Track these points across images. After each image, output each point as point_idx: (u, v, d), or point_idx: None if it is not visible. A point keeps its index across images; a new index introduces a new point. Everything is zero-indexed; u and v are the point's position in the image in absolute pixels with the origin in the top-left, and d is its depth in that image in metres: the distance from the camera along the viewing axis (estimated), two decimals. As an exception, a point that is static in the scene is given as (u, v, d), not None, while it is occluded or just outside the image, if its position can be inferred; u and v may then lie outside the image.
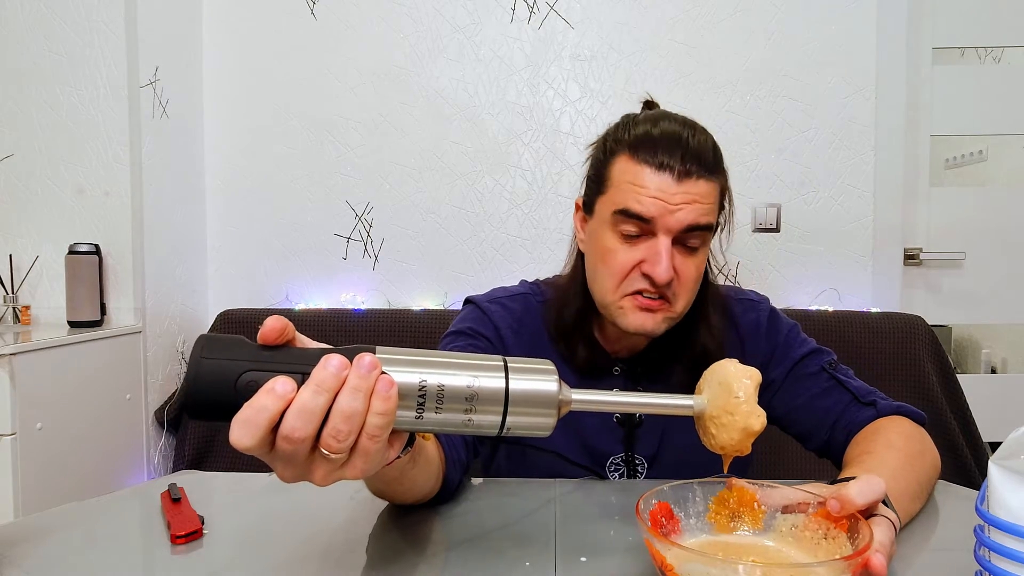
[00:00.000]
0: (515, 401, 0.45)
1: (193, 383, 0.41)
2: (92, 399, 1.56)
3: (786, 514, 0.55)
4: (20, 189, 1.73)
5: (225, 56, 2.00)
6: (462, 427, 0.45)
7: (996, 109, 1.95)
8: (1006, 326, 2.38)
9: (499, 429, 0.46)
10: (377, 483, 0.63)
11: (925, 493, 0.73)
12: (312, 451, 0.42)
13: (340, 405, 0.40)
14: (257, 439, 0.40)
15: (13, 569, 0.58)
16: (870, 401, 0.85)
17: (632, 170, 0.80)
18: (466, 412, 0.44)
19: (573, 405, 0.49)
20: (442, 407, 0.44)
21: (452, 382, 0.44)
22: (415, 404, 0.43)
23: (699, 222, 0.79)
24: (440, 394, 0.43)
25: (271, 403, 0.40)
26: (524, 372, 0.46)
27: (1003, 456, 0.43)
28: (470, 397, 0.44)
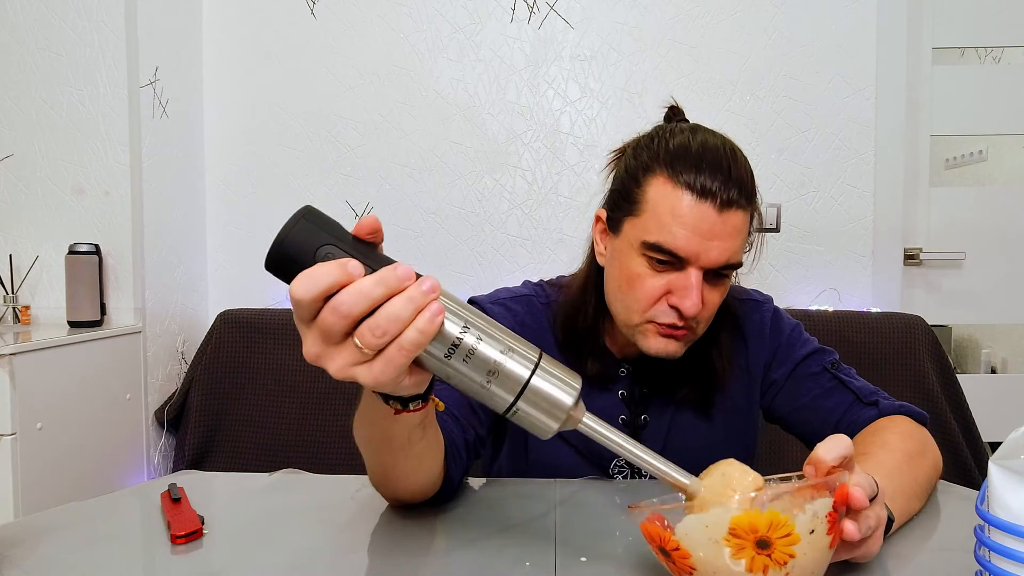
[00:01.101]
0: (530, 394, 0.47)
1: (283, 238, 0.46)
2: (92, 399, 1.56)
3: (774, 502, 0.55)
4: (20, 189, 1.73)
5: (225, 56, 2.00)
6: (477, 390, 0.47)
7: (996, 109, 1.95)
8: (1006, 326, 2.38)
9: (506, 410, 0.47)
10: (384, 453, 0.63)
11: (924, 493, 0.72)
12: (345, 337, 0.44)
13: (391, 305, 0.43)
14: (312, 295, 0.43)
15: (13, 569, 0.58)
16: (872, 401, 0.85)
17: (671, 196, 0.76)
18: (486, 379, 0.46)
19: (580, 426, 0.50)
20: (468, 363, 0.46)
21: (485, 349, 0.46)
22: (447, 347, 0.45)
23: (732, 261, 0.78)
24: (471, 352, 0.46)
25: (337, 273, 0.43)
26: (551, 374, 0.48)
27: (1003, 456, 0.43)
28: (493, 370, 0.46)
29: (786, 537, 0.44)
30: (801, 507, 0.52)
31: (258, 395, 1.78)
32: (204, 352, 1.81)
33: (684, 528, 0.47)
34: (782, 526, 0.44)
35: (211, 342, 1.81)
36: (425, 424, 0.60)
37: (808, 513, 0.45)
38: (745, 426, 0.95)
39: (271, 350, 1.80)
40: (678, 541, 0.46)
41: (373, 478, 0.70)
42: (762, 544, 0.44)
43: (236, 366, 1.79)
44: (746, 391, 0.93)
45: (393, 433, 0.59)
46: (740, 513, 0.44)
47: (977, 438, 1.64)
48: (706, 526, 0.45)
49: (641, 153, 0.82)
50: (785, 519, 0.44)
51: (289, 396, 1.77)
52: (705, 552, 0.46)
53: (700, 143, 0.78)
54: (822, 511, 0.46)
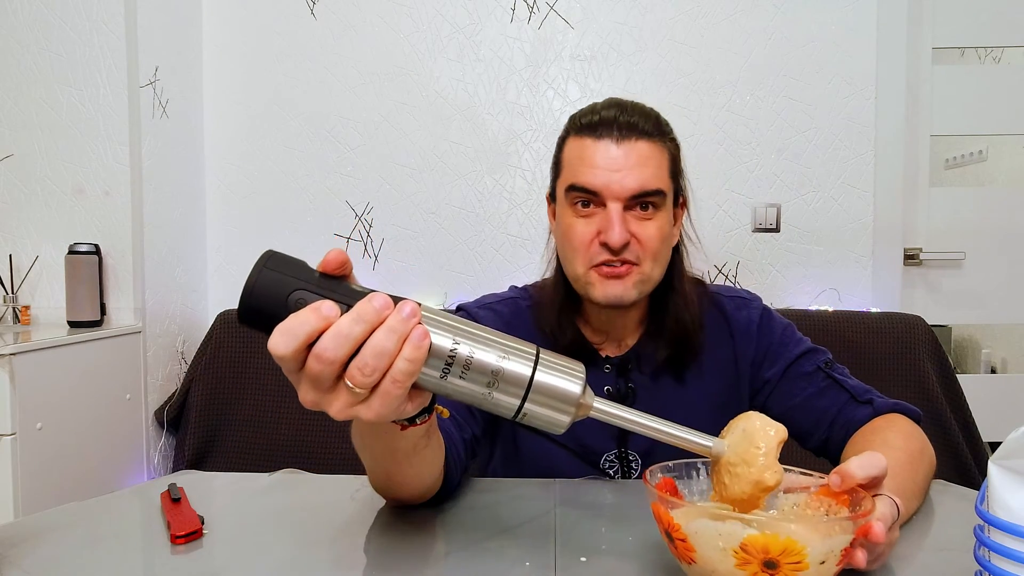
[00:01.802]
0: (537, 391, 0.46)
1: (251, 290, 0.44)
2: (92, 399, 1.57)
3: (788, 494, 0.55)
4: (20, 189, 1.73)
5: (225, 56, 2.00)
6: (482, 400, 0.46)
7: (996, 109, 1.95)
8: (1006, 326, 2.38)
9: (515, 413, 0.47)
10: (388, 463, 0.63)
11: (923, 492, 0.73)
12: (337, 380, 0.44)
13: (374, 340, 0.43)
14: (292, 349, 0.42)
15: (13, 569, 0.58)
16: (867, 399, 0.85)
17: (577, 146, 0.85)
18: (488, 386, 0.45)
19: (592, 412, 0.49)
20: (467, 375, 0.45)
21: (482, 356, 0.45)
22: (442, 365, 0.45)
23: (646, 187, 0.82)
24: (468, 362, 0.45)
25: (313, 320, 0.42)
26: (553, 366, 0.47)
27: (1003, 456, 0.43)
28: (496, 372, 0.45)
29: (795, 564, 0.44)
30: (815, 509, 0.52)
31: (258, 395, 1.78)
32: (204, 352, 1.81)
33: (696, 527, 0.46)
34: (795, 553, 0.44)
35: (211, 342, 1.81)
36: (429, 433, 0.60)
37: (824, 546, 0.45)
38: None
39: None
40: (686, 535, 0.46)
41: (374, 482, 0.70)
42: (769, 565, 0.44)
43: (236, 366, 1.79)
44: (733, 385, 0.93)
45: (398, 446, 0.59)
46: (757, 533, 0.44)
47: (977, 438, 1.64)
48: (719, 534, 0.45)
49: (567, 124, 0.91)
50: (800, 548, 0.44)
51: (289, 396, 1.77)
52: (710, 553, 0.46)
53: (602, 104, 0.87)
54: (839, 545, 0.45)
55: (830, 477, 0.52)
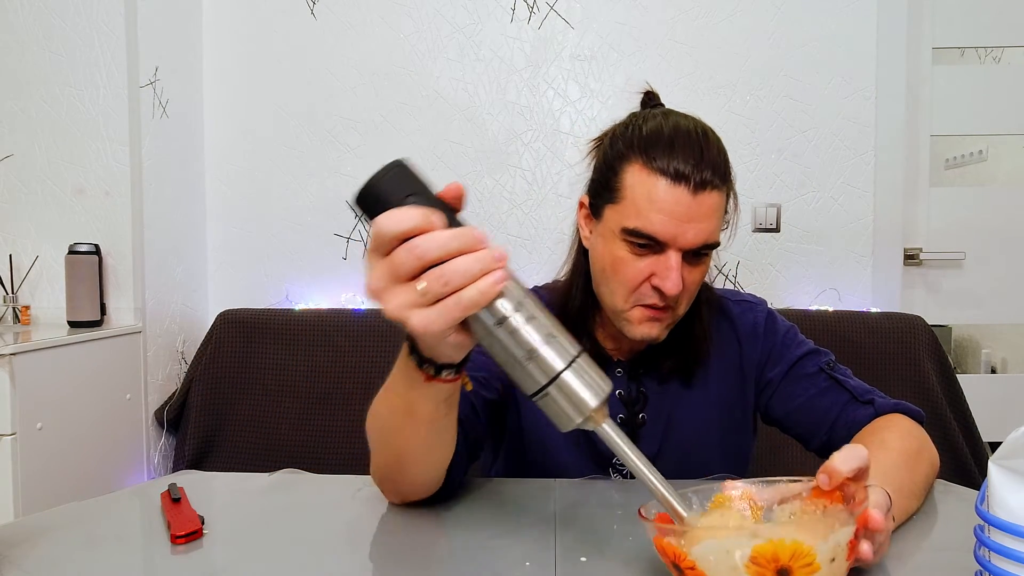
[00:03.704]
0: (559, 386, 0.48)
1: (377, 181, 0.48)
2: (92, 399, 1.57)
3: (783, 505, 0.55)
4: (20, 189, 1.73)
5: (225, 56, 2.00)
6: (514, 364, 0.48)
7: (996, 109, 1.95)
8: (1006, 326, 2.37)
9: (534, 394, 0.49)
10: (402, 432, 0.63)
11: (922, 491, 0.73)
12: (410, 280, 0.46)
13: (461, 260, 0.45)
14: (395, 231, 0.45)
15: (13, 569, 0.58)
16: (868, 399, 0.85)
17: (647, 182, 0.77)
18: (523, 358, 0.48)
19: (598, 429, 0.50)
20: (512, 338, 0.48)
21: (532, 329, 0.47)
22: (498, 318, 0.47)
23: (709, 241, 0.79)
24: (515, 332, 0.47)
25: (419, 218, 0.45)
26: (584, 373, 0.49)
27: (1003, 456, 0.43)
28: (530, 352, 0.47)
29: (807, 567, 0.44)
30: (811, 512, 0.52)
31: (258, 395, 1.78)
32: (204, 352, 1.81)
33: (702, 550, 0.46)
34: (804, 555, 0.44)
35: (211, 342, 1.81)
36: (450, 403, 0.61)
37: (830, 542, 0.45)
38: (739, 426, 0.95)
39: (271, 350, 1.80)
40: (694, 561, 0.46)
41: (381, 469, 0.70)
42: (782, 573, 0.44)
43: (236, 366, 1.79)
44: (739, 390, 0.94)
45: (418, 406, 0.59)
46: (764, 542, 0.44)
47: (977, 438, 1.64)
48: (727, 551, 0.45)
49: (617, 142, 0.84)
50: (808, 549, 0.43)
51: (289, 396, 1.77)
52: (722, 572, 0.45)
53: (672, 127, 0.80)
54: (844, 539, 0.45)
55: (818, 477, 0.52)
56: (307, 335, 1.81)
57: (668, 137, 0.79)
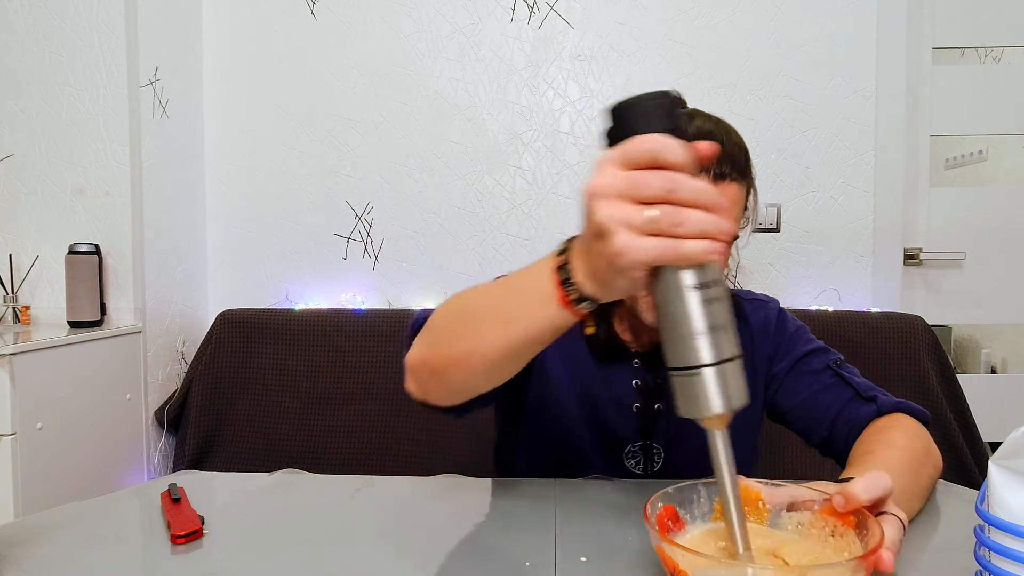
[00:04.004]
0: (703, 375, 0.46)
1: (647, 99, 0.46)
2: (92, 399, 1.56)
3: (791, 512, 0.55)
4: (20, 189, 1.73)
5: (225, 56, 2.00)
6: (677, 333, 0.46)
7: (996, 109, 1.95)
8: (1006, 326, 2.37)
9: (678, 368, 0.47)
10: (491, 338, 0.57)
11: (926, 493, 0.73)
12: (640, 202, 0.44)
13: (700, 213, 0.44)
14: (661, 156, 0.44)
15: (13, 569, 0.58)
16: (871, 396, 0.85)
17: None
18: (691, 334, 0.46)
19: (710, 434, 0.48)
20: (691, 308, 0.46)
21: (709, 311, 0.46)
22: (696, 283, 0.46)
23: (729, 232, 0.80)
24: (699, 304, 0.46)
25: (687, 159, 0.44)
26: (731, 377, 0.47)
27: (1003, 456, 0.43)
28: (700, 331, 0.46)
29: None
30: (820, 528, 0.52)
31: (258, 395, 1.78)
32: (204, 352, 1.81)
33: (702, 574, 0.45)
34: None
35: (211, 342, 1.81)
36: (553, 336, 0.56)
37: None
38: (748, 424, 0.96)
39: (271, 350, 1.80)
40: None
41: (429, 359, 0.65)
42: None
43: (236, 366, 1.79)
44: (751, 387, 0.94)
45: (526, 321, 0.54)
46: None
47: (977, 438, 1.64)
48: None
49: None
50: None
51: (289, 396, 1.77)
52: None
53: (695, 124, 0.83)
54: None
55: (834, 497, 0.52)
56: (307, 335, 1.81)
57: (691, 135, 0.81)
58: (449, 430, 1.71)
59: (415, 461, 1.69)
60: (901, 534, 0.55)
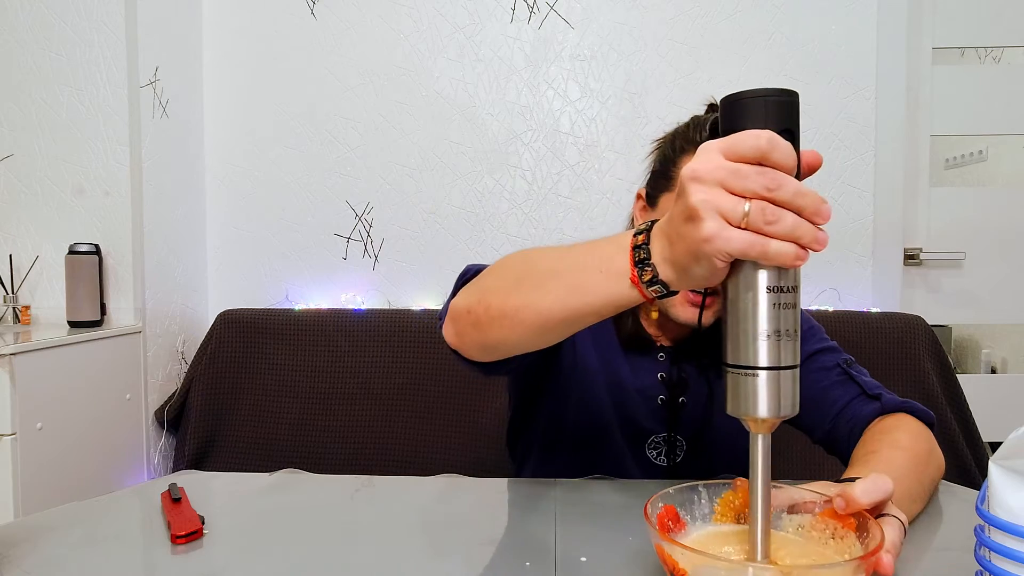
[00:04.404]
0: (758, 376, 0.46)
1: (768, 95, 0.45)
2: (92, 399, 1.56)
3: (792, 514, 0.55)
4: (20, 189, 1.73)
5: (225, 56, 2.00)
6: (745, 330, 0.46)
7: (996, 109, 1.95)
8: (1006, 326, 2.37)
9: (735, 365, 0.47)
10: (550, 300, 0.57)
11: (928, 495, 0.73)
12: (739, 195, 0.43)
13: (796, 217, 0.43)
14: (771, 155, 0.43)
15: (13, 569, 0.58)
16: (875, 395, 0.86)
17: None
18: (759, 333, 0.45)
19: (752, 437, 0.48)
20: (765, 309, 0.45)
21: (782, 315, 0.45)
22: (774, 284, 0.45)
23: None
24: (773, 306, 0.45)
25: (794, 162, 0.43)
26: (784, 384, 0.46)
27: (1003, 456, 0.43)
28: (767, 333, 0.45)
29: None
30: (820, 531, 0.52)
31: (258, 395, 1.78)
32: (204, 352, 1.81)
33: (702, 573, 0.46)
34: None
35: (211, 342, 1.81)
36: (614, 310, 0.55)
37: None
38: None
39: (271, 350, 1.80)
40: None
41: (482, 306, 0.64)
42: None
43: (236, 366, 1.79)
44: None
45: (592, 291, 0.54)
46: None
47: (977, 438, 1.64)
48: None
49: (677, 138, 0.88)
50: None
51: (289, 396, 1.77)
52: None
53: None
54: None
55: (834, 500, 0.52)
56: (307, 335, 1.81)
57: None
58: (449, 430, 1.71)
59: (415, 461, 1.69)
60: (902, 536, 0.55)
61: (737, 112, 0.46)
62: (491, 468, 1.61)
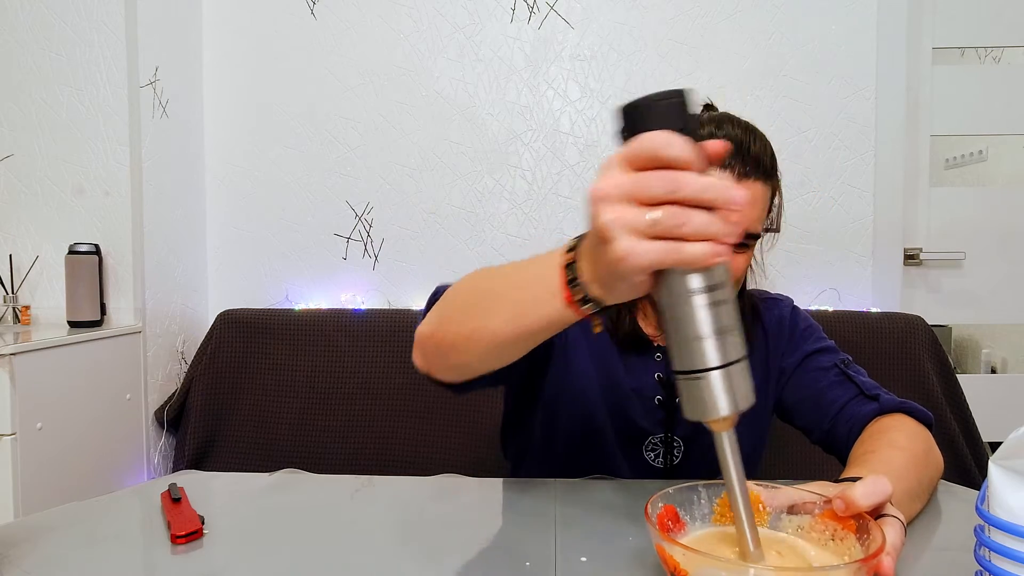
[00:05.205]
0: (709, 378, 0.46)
1: (659, 99, 0.45)
2: (92, 399, 1.56)
3: (791, 515, 0.55)
4: (20, 189, 1.73)
5: (225, 56, 2.00)
6: (682, 338, 0.46)
7: (996, 109, 1.95)
8: (1006, 326, 2.38)
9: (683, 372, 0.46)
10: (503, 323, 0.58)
11: (926, 494, 0.73)
12: (643, 205, 0.43)
13: (705, 214, 0.42)
14: (665, 154, 0.42)
15: (13, 569, 0.58)
16: (874, 395, 0.86)
17: None
18: (695, 337, 0.45)
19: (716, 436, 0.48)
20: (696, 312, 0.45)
21: (714, 315, 0.45)
22: (701, 287, 0.45)
23: (752, 230, 0.82)
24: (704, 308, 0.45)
25: (691, 156, 0.43)
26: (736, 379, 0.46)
27: (1003, 456, 0.43)
28: (705, 335, 0.45)
29: None
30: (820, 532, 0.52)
31: (258, 395, 1.78)
32: (204, 352, 1.81)
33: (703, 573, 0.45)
34: None
35: (211, 342, 1.81)
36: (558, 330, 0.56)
37: None
38: (761, 420, 0.96)
39: (271, 350, 1.80)
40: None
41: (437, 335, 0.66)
42: None
43: (236, 366, 1.79)
44: (763, 384, 0.95)
45: (531, 314, 0.55)
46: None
47: (977, 438, 1.64)
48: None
49: None
50: None
51: (289, 396, 1.77)
52: None
53: (724, 129, 0.84)
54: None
55: (834, 501, 0.52)
56: (307, 335, 1.81)
57: (719, 132, 0.83)
58: (449, 430, 1.71)
59: (415, 461, 1.69)
60: (902, 537, 0.55)
61: (632, 119, 0.46)
62: (491, 468, 1.61)
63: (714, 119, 0.85)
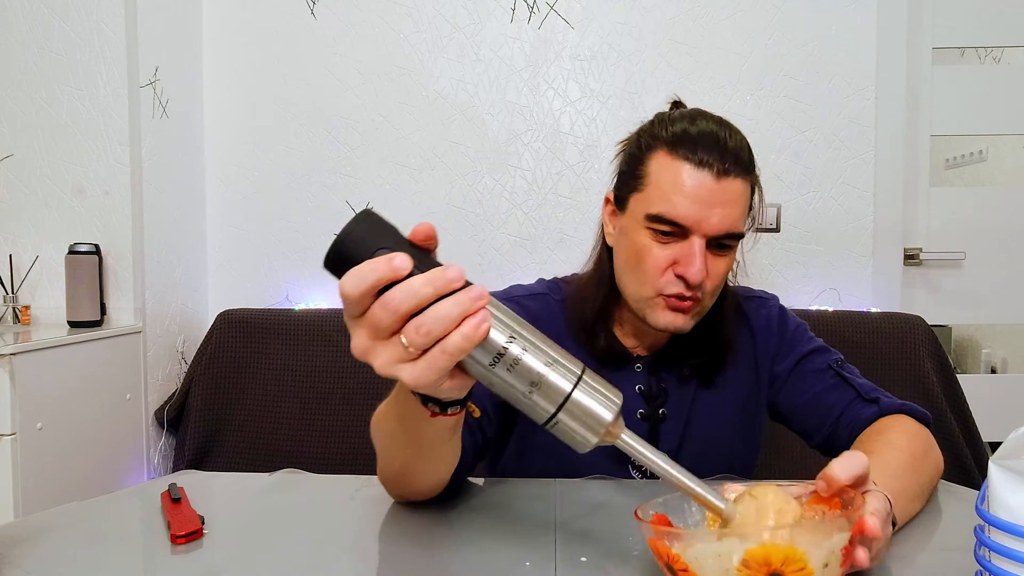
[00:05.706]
0: (571, 407, 0.47)
1: (342, 240, 0.46)
2: (92, 399, 1.56)
3: None
4: (20, 189, 1.73)
5: (225, 56, 2.00)
6: (519, 398, 0.47)
7: (996, 109, 1.95)
8: (1006, 326, 2.38)
9: (546, 421, 0.48)
10: (407, 452, 0.63)
11: (926, 494, 0.73)
12: (392, 335, 0.45)
13: (439, 307, 0.43)
14: (360, 290, 0.43)
15: (13, 569, 0.58)
16: (873, 398, 0.85)
17: (671, 167, 0.79)
18: (528, 389, 0.46)
19: (618, 442, 0.50)
20: (512, 372, 0.46)
21: (529, 360, 0.46)
22: (492, 356, 0.46)
23: (733, 230, 0.80)
24: (515, 362, 0.46)
25: (383, 269, 0.43)
26: (593, 389, 0.48)
27: (1003, 456, 0.43)
28: (536, 381, 0.46)
29: (800, 571, 0.44)
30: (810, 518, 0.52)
31: (258, 395, 1.78)
32: (204, 352, 1.81)
33: (695, 553, 0.46)
34: (796, 560, 0.43)
35: (211, 342, 1.81)
36: (454, 428, 0.60)
37: (824, 548, 0.44)
38: (753, 424, 0.95)
39: (271, 350, 1.80)
40: (687, 564, 0.46)
41: (385, 473, 0.70)
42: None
43: (236, 366, 1.79)
44: (754, 388, 0.94)
45: (422, 434, 0.59)
46: (755, 546, 0.44)
47: (977, 438, 1.64)
48: (719, 555, 0.45)
49: (643, 136, 0.86)
50: (800, 554, 0.43)
51: (289, 396, 1.77)
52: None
53: (698, 124, 0.83)
54: (838, 545, 0.45)
55: (816, 483, 0.52)
56: (307, 335, 1.81)
57: (693, 128, 0.82)
58: (449, 430, 1.71)
59: (415, 461, 1.69)
60: (887, 505, 0.55)
61: (335, 267, 0.47)
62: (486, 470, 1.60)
63: (686, 115, 0.84)
